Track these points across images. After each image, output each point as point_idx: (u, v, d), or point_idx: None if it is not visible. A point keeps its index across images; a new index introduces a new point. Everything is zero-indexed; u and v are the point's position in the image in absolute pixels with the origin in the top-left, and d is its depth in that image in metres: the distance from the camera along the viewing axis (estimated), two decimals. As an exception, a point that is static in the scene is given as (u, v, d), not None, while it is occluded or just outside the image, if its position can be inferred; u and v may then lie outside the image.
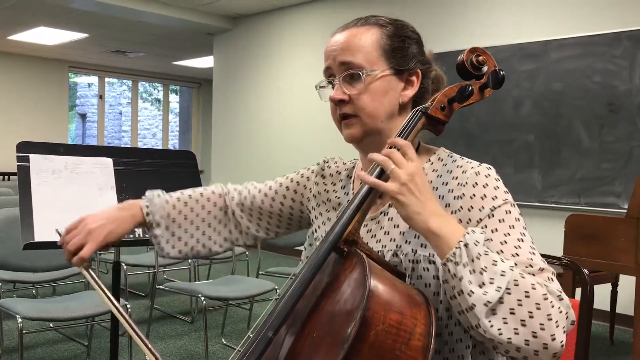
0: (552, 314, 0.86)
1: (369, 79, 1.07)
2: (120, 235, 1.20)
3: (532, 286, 0.87)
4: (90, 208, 2.03)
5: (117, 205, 1.25)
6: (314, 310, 0.92)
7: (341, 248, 0.95)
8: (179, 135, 13.48)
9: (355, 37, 1.09)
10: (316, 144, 6.57)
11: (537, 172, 4.75)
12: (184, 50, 9.42)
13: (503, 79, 1.08)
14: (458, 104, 1.08)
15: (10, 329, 3.82)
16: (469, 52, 1.11)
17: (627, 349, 3.83)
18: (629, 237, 3.09)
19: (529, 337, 0.85)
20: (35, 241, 1.87)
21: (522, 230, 0.98)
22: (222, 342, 3.79)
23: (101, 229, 1.17)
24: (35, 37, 8.49)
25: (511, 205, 1.00)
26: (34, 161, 1.98)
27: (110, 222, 1.19)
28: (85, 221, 1.18)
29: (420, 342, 0.84)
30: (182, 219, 1.27)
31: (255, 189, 1.33)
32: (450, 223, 0.94)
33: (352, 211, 0.97)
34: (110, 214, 1.20)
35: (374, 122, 1.09)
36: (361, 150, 1.17)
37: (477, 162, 1.07)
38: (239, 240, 1.33)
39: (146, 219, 1.24)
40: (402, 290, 0.90)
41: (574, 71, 4.55)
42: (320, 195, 1.25)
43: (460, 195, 1.01)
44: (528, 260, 0.94)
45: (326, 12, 6.53)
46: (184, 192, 1.31)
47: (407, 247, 1.04)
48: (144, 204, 1.24)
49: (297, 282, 0.93)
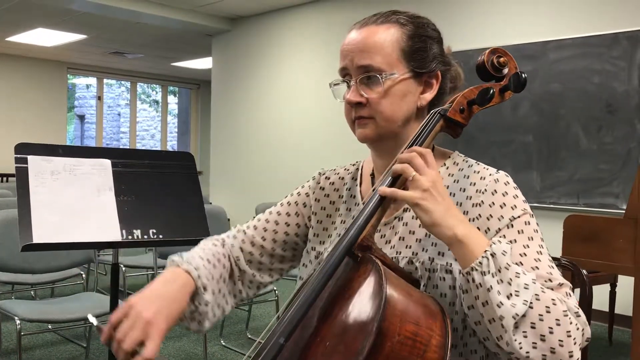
0: (571, 330, 0.86)
1: (388, 82, 1.03)
2: (178, 315, 1.00)
3: (552, 301, 0.86)
4: (89, 209, 2.03)
5: (162, 279, 1.03)
6: (326, 317, 0.89)
7: (355, 253, 0.92)
8: (177, 137, 13.47)
9: (374, 37, 1.04)
10: (315, 145, 6.57)
11: (536, 173, 4.76)
12: (182, 52, 9.41)
13: (525, 81, 1.04)
14: (478, 106, 1.05)
15: (9, 330, 3.82)
16: (490, 53, 1.07)
17: (626, 349, 3.83)
18: (627, 237, 3.09)
19: (547, 353, 0.85)
20: (34, 243, 1.87)
21: (540, 242, 0.97)
22: (220, 344, 3.79)
23: (160, 316, 0.94)
24: (33, 38, 8.48)
25: (530, 216, 0.99)
26: (33, 163, 1.98)
27: (167, 303, 0.97)
28: (137, 309, 0.94)
29: (435, 355, 0.81)
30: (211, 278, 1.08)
31: (250, 229, 1.21)
32: (475, 231, 0.92)
33: (367, 215, 0.94)
34: (160, 291, 0.99)
35: (390, 125, 1.05)
36: (373, 150, 1.13)
37: (493, 168, 1.05)
38: (242, 292, 1.18)
39: (197, 283, 1.03)
40: (418, 299, 0.87)
41: (572, 72, 4.56)
42: (325, 209, 1.19)
43: (479, 203, 1.00)
44: (547, 275, 0.92)
45: (325, 14, 6.53)
46: (195, 250, 1.13)
47: (424, 255, 1.01)
48: (189, 267, 1.04)
49: (310, 287, 0.89)
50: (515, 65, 1.08)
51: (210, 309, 1.07)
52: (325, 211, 1.19)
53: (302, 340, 0.90)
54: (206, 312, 1.05)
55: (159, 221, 2.12)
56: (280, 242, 1.20)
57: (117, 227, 2.03)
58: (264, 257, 1.19)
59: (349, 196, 1.17)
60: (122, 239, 2.02)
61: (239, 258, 1.18)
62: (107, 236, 2.01)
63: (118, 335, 0.93)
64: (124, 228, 2.04)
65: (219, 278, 1.11)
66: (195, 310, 1.05)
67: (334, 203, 1.19)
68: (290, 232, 1.21)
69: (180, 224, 2.18)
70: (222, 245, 1.19)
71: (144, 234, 2.07)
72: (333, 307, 0.89)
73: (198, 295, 1.04)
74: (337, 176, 1.22)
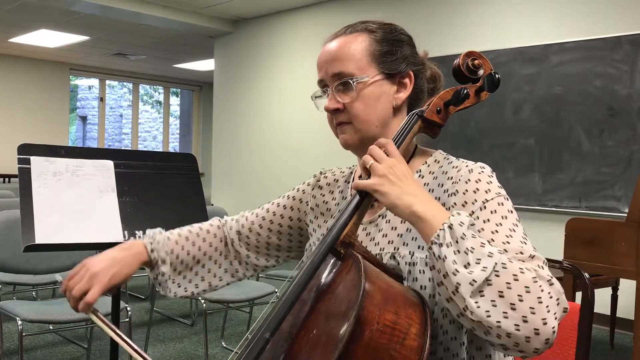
0: (542, 297, 0.85)
1: (360, 85, 1.09)
2: (125, 276, 1.16)
3: (520, 270, 0.86)
4: (91, 210, 2.03)
5: (119, 246, 1.20)
6: (310, 311, 0.93)
7: (338, 250, 0.96)
8: (179, 138, 13.49)
9: (344, 46, 1.11)
10: (316, 147, 6.57)
11: (538, 176, 4.75)
12: (184, 53, 9.43)
13: (498, 81, 1.10)
14: (454, 107, 1.09)
15: (11, 331, 3.82)
16: (465, 56, 1.12)
17: (628, 353, 3.83)
18: (629, 241, 3.09)
19: (519, 322, 0.83)
20: (36, 243, 1.87)
21: (514, 222, 0.97)
22: (222, 345, 3.79)
23: (105, 271, 1.12)
24: (36, 39, 8.50)
25: (504, 199, 1.00)
26: (35, 163, 1.98)
27: (113, 264, 1.14)
28: (87, 265, 1.14)
29: (415, 342, 0.84)
30: (185, 254, 1.25)
31: (252, 214, 1.33)
32: (435, 207, 0.93)
33: (349, 214, 0.98)
34: (112, 255, 1.16)
35: (367, 127, 1.11)
36: (357, 156, 1.17)
37: (472, 162, 1.07)
38: (239, 271, 1.32)
39: (151, 256, 1.20)
40: (398, 290, 0.90)
41: (574, 75, 4.56)
42: (319, 207, 1.26)
43: (454, 192, 1.02)
44: (518, 248, 0.93)
45: (327, 16, 6.54)
46: (183, 228, 1.30)
47: (405, 250, 1.04)
48: (147, 242, 1.21)
49: (295, 284, 0.93)
50: (490, 67, 1.13)
51: (172, 282, 1.23)
52: (320, 209, 1.26)
53: (288, 334, 0.94)
54: (165, 280, 1.23)
55: (161, 222, 2.10)
56: (275, 231, 1.31)
57: (119, 228, 2.03)
58: (260, 242, 1.31)
59: (341, 198, 1.23)
60: (124, 239, 2.02)
61: (234, 240, 1.31)
62: (109, 237, 2.01)
63: (69, 285, 1.13)
64: (126, 229, 2.04)
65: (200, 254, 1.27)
66: (156, 278, 1.23)
67: (327, 203, 1.26)
68: (285, 224, 1.30)
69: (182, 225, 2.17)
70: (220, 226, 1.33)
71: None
72: (317, 302, 0.93)
73: (156, 266, 1.21)
74: (333, 177, 1.29)
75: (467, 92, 1.08)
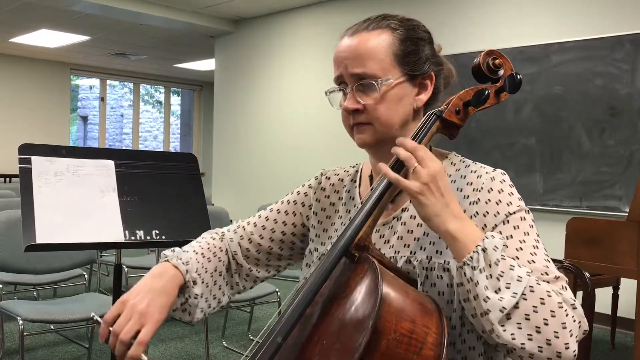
0: (567, 322, 0.86)
1: (384, 88, 1.04)
2: (171, 305, 1.05)
3: (547, 293, 0.87)
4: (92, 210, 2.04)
5: (150, 275, 1.07)
6: (323, 316, 0.90)
7: (352, 253, 0.93)
8: (180, 138, 13.49)
9: (366, 44, 1.05)
10: (317, 147, 6.57)
11: (538, 175, 4.75)
12: (185, 53, 9.43)
13: (520, 83, 1.06)
14: (474, 107, 1.05)
15: (12, 330, 3.82)
16: (486, 55, 1.08)
17: (628, 353, 3.82)
18: (630, 240, 3.08)
19: (542, 344, 0.85)
20: (37, 243, 1.87)
21: (536, 237, 0.98)
22: (222, 345, 3.79)
23: (153, 308, 1.00)
24: (37, 39, 8.50)
25: (525, 212, 1.00)
26: (36, 163, 1.98)
27: (156, 296, 1.03)
28: (130, 303, 1.00)
29: (432, 352, 0.82)
30: (204, 272, 1.14)
31: (250, 224, 1.24)
32: (470, 226, 0.92)
33: (364, 215, 0.95)
34: (150, 286, 1.04)
35: (388, 130, 1.06)
36: (373, 155, 1.14)
37: (490, 167, 1.06)
38: (239, 284, 1.22)
39: (185, 277, 1.08)
40: (414, 297, 0.88)
41: (574, 75, 4.55)
42: (325, 210, 1.21)
43: (475, 201, 1.01)
44: (544, 268, 0.93)
45: (328, 15, 6.53)
46: (193, 244, 1.18)
47: (422, 254, 1.02)
48: (176, 262, 1.09)
49: (307, 287, 0.91)
50: (511, 66, 1.10)
51: (203, 301, 1.12)
52: (325, 212, 1.21)
53: (300, 339, 0.92)
54: (196, 304, 1.11)
55: (162, 222, 2.12)
56: (277, 240, 1.23)
57: (120, 227, 2.03)
58: (260, 253, 1.23)
59: (348, 198, 1.18)
60: (124, 239, 2.03)
61: (236, 252, 1.22)
62: (109, 237, 2.01)
63: (115, 328, 0.99)
64: (127, 229, 2.04)
65: (213, 271, 1.16)
66: (185, 302, 1.10)
67: (334, 205, 1.20)
68: (287, 231, 1.23)
69: (183, 225, 2.18)
70: (221, 238, 1.22)
71: (147, 235, 2.07)
72: (330, 307, 0.91)
73: (187, 288, 1.09)
74: (337, 177, 1.23)
75: (488, 92, 1.04)
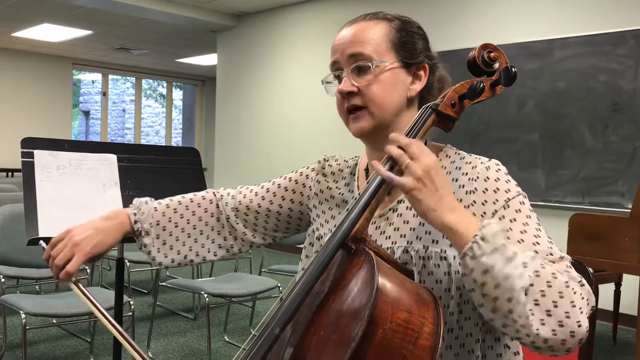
0: (576, 300, 0.86)
1: (378, 70, 1.06)
2: (108, 245, 1.16)
3: (553, 275, 0.87)
4: (95, 204, 2.04)
5: (103, 215, 1.20)
6: (320, 308, 0.91)
7: (349, 245, 0.95)
8: (182, 133, 13.51)
9: (364, 31, 1.09)
10: (319, 141, 6.57)
11: (541, 171, 4.75)
12: (187, 48, 9.42)
13: (515, 75, 1.07)
14: (469, 100, 1.06)
15: (14, 324, 3.83)
16: (481, 49, 1.09)
17: (630, 349, 3.82)
18: (633, 236, 3.08)
19: (555, 327, 0.85)
20: (39, 237, 1.87)
21: (537, 220, 0.99)
22: (224, 339, 3.80)
23: (87, 241, 1.13)
24: (39, 34, 8.50)
25: (524, 197, 1.01)
26: (39, 157, 1.98)
27: (97, 233, 1.15)
28: (71, 233, 1.14)
29: (428, 342, 0.82)
30: (173, 226, 1.25)
31: (251, 192, 1.30)
32: (467, 217, 0.92)
33: (361, 208, 0.96)
34: (96, 224, 1.17)
35: (383, 113, 1.07)
36: (368, 145, 1.15)
37: (485, 157, 1.07)
38: (234, 247, 1.30)
39: (134, 227, 1.20)
40: (410, 288, 0.89)
41: (578, 70, 4.54)
42: (323, 193, 1.24)
43: (472, 190, 1.02)
44: (548, 249, 0.94)
45: (330, 10, 6.52)
46: (173, 199, 1.28)
47: (418, 244, 1.03)
48: (131, 212, 1.21)
49: (304, 279, 0.92)
50: (506, 60, 1.10)
51: (156, 251, 1.23)
52: (324, 196, 1.24)
53: (298, 330, 0.93)
54: (149, 252, 1.23)
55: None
56: (274, 212, 1.28)
57: (122, 222, 2.03)
58: (258, 221, 1.29)
59: (347, 191, 1.20)
60: (127, 234, 2.02)
61: (229, 217, 1.28)
62: (112, 231, 2.00)
63: (52, 252, 1.13)
64: (129, 223, 2.04)
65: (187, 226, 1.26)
66: (140, 247, 1.24)
67: (332, 191, 1.23)
68: (285, 205, 1.28)
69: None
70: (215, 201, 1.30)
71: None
72: (327, 298, 0.91)
73: (139, 237, 1.22)
74: (339, 167, 1.25)
75: (483, 85, 1.05)
